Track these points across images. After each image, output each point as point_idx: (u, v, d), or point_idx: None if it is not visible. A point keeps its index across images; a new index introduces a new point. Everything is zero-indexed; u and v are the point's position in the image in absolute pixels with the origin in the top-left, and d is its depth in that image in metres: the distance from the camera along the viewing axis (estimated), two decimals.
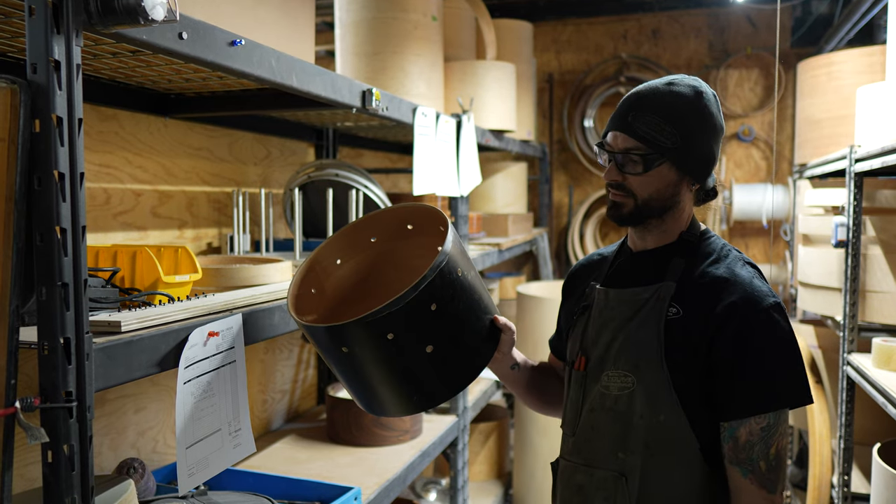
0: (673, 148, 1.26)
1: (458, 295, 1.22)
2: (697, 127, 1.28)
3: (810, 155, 3.29)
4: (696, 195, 1.35)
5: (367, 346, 1.18)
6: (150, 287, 1.35)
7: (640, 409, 1.26)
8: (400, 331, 1.16)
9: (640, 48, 4.81)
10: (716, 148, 1.32)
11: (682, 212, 1.33)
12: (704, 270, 1.29)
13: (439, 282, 1.18)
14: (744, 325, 1.22)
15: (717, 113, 1.32)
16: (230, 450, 1.29)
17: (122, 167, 1.81)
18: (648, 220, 1.32)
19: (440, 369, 1.24)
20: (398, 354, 1.19)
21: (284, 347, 2.57)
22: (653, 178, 1.28)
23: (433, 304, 1.18)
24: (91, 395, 0.97)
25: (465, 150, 2.63)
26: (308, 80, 1.55)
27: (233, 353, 1.29)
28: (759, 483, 1.21)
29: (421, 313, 1.17)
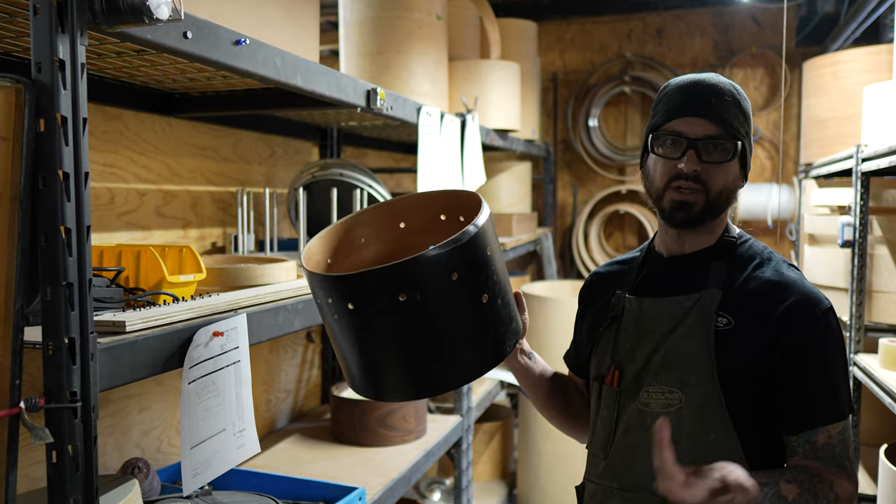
0: (745, 138, 1.22)
1: (489, 273, 1.08)
2: (747, 117, 1.24)
3: (816, 154, 3.28)
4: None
5: (387, 304, 1.01)
6: (155, 287, 1.35)
7: (689, 427, 1.17)
8: (426, 288, 1.00)
9: (644, 47, 4.79)
10: (752, 140, 1.28)
11: (733, 206, 1.27)
12: (750, 275, 1.21)
13: (470, 249, 1.03)
14: (807, 331, 1.16)
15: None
16: (234, 450, 1.28)
17: (126, 167, 1.81)
18: (712, 219, 1.23)
19: (459, 346, 1.07)
20: (417, 318, 1.02)
21: (289, 347, 2.57)
22: (730, 168, 1.21)
23: (455, 273, 1.02)
24: (95, 395, 0.97)
25: (470, 149, 2.62)
26: (313, 79, 1.54)
27: (237, 353, 1.29)
28: (847, 478, 1.16)
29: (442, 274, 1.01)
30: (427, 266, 1.00)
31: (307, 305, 1.52)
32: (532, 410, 3.34)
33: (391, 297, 1.00)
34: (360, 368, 1.09)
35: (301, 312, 1.50)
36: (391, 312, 1.02)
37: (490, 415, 3.65)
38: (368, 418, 2.30)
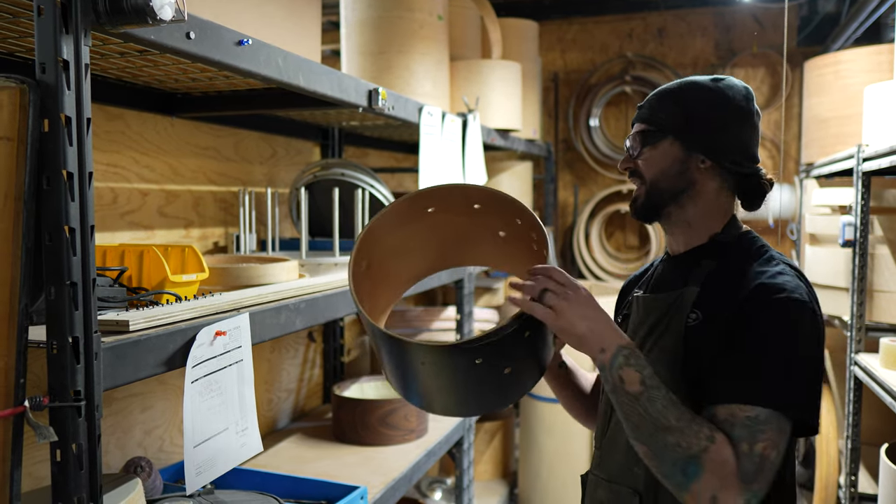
0: (675, 123, 1.22)
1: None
2: (707, 105, 1.22)
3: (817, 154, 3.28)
4: (732, 182, 1.24)
5: (448, 367, 1.11)
6: (158, 286, 1.35)
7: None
8: (488, 356, 1.09)
9: (645, 47, 4.80)
10: (736, 130, 1.22)
11: (704, 202, 1.24)
12: (735, 271, 1.18)
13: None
14: (756, 310, 1.11)
15: (739, 98, 1.23)
16: (237, 449, 1.29)
17: (129, 167, 1.82)
18: (663, 207, 1.25)
19: (511, 385, 1.17)
20: (477, 375, 1.12)
21: (290, 346, 2.58)
22: (657, 155, 1.24)
23: (527, 332, 1.11)
24: (99, 394, 0.97)
25: (471, 149, 2.63)
26: (315, 79, 1.55)
27: (240, 353, 1.29)
28: (737, 459, 1.04)
29: (515, 341, 1.11)
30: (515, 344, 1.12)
31: (309, 305, 1.53)
32: (534, 410, 3.35)
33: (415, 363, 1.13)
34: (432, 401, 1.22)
35: (303, 312, 1.50)
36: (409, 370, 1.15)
37: (491, 414, 3.66)
38: (370, 417, 2.30)
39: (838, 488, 2.67)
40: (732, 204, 1.27)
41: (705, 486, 1.04)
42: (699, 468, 1.04)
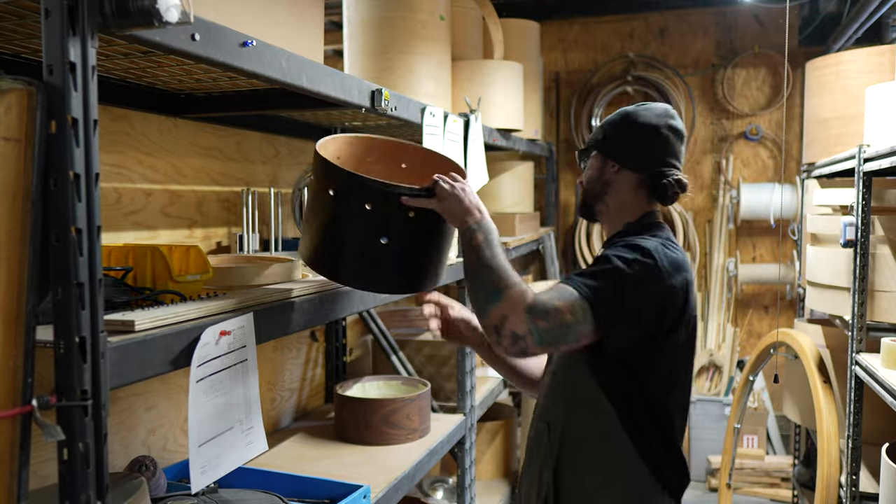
0: (597, 140, 1.61)
1: (438, 229, 1.46)
2: (622, 125, 1.58)
3: (818, 154, 3.28)
4: (643, 181, 1.55)
5: (353, 203, 1.37)
6: (162, 286, 1.36)
7: (560, 364, 1.55)
8: (375, 207, 1.36)
9: (647, 47, 4.80)
10: (635, 136, 1.55)
11: (619, 198, 1.57)
12: (614, 243, 1.51)
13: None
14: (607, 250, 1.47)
15: (651, 116, 1.55)
16: (242, 448, 1.30)
17: (133, 167, 1.82)
18: (594, 206, 1.62)
19: (387, 261, 1.42)
20: (359, 225, 1.39)
21: (293, 346, 2.59)
22: (589, 168, 1.63)
23: (412, 212, 1.39)
24: (106, 393, 0.98)
25: (473, 149, 2.63)
26: (318, 80, 1.55)
27: (244, 352, 1.30)
28: (531, 296, 1.37)
29: (399, 212, 1.38)
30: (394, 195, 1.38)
31: (313, 305, 1.53)
32: None
33: (361, 202, 1.37)
34: (314, 241, 1.46)
35: (307, 312, 1.51)
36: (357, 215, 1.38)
37: (493, 414, 3.66)
38: (373, 417, 2.31)
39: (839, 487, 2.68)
40: (648, 200, 1.57)
41: (499, 309, 1.37)
42: (499, 297, 1.37)
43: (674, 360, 1.49)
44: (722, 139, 4.73)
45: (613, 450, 1.46)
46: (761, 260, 4.70)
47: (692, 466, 4.37)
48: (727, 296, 4.65)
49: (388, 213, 1.38)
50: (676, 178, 1.54)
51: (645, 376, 1.46)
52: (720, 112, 4.73)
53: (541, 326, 1.34)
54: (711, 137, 4.76)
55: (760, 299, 4.73)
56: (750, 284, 4.61)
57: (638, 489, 1.47)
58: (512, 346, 1.37)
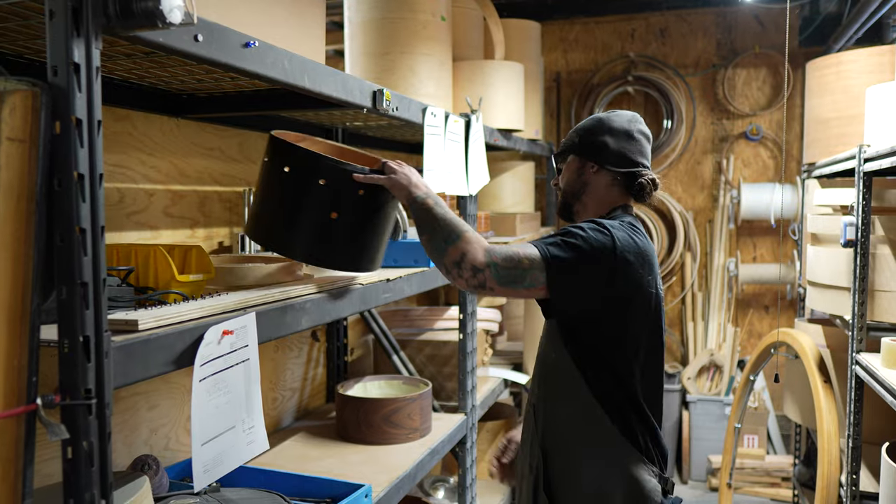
0: (573, 145, 1.75)
1: (382, 209, 1.60)
2: (594, 129, 1.73)
3: (819, 154, 3.29)
4: (619, 179, 1.70)
5: (304, 180, 1.50)
6: (165, 286, 1.37)
7: (544, 348, 1.69)
8: (330, 182, 1.50)
9: (647, 47, 4.81)
10: (610, 138, 1.70)
11: (595, 196, 1.72)
12: None
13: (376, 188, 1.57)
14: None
15: (620, 121, 1.72)
16: (244, 447, 1.30)
17: (135, 167, 1.83)
18: (572, 206, 1.76)
19: (335, 235, 1.54)
20: (313, 200, 1.51)
21: (294, 346, 2.59)
22: (566, 171, 1.77)
23: (362, 190, 1.54)
24: (110, 392, 0.99)
25: (474, 149, 2.64)
26: (320, 80, 1.56)
27: (246, 352, 1.31)
28: (486, 247, 1.51)
29: (350, 188, 1.52)
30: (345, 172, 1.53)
31: (314, 305, 1.54)
32: None
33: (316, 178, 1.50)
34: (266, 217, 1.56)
35: (308, 311, 1.52)
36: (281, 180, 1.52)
37: (493, 413, 3.67)
38: (374, 416, 2.31)
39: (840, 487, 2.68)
40: (622, 197, 1.72)
41: (459, 247, 1.49)
42: (459, 237, 1.50)
43: (634, 334, 1.60)
44: (723, 139, 4.74)
45: (591, 424, 1.58)
46: (762, 260, 4.70)
47: (692, 466, 4.38)
48: (728, 296, 4.66)
49: (340, 190, 1.51)
50: (650, 177, 1.70)
51: (609, 350, 1.59)
52: (721, 112, 4.74)
53: (498, 263, 1.48)
54: (712, 137, 4.77)
55: (761, 299, 4.74)
56: (750, 284, 4.62)
57: (619, 461, 1.57)
58: (472, 279, 1.49)
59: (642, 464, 1.58)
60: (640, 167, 1.71)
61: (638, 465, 1.58)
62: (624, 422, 1.58)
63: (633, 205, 1.75)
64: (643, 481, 1.56)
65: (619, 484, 1.56)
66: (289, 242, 1.54)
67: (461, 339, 2.65)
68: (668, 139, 4.70)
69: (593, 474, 1.58)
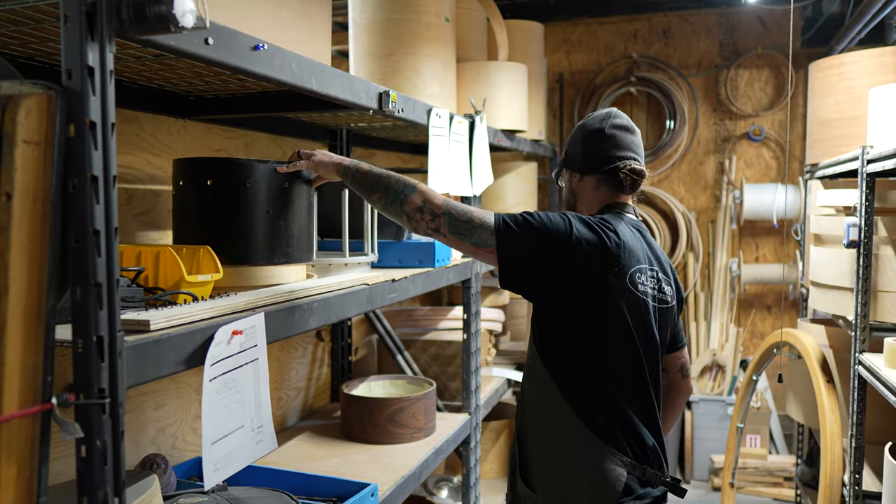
0: (563, 159, 1.87)
1: (306, 196, 1.70)
2: (572, 140, 1.84)
3: (822, 155, 3.29)
4: (602, 180, 1.76)
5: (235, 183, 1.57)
6: (174, 286, 1.38)
7: (529, 341, 1.76)
8: (255, 183, 1.58)
9: (650, 48, 4.81)
10: (586, 145, 1.78)
11: (585, 201, 1.80)
12: None
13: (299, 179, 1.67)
14: None
15: (594, 123, 1.78)
16: (253, 446, 1.31)
17: (142, 168, 1.84)
18: (573, 208, 1.85)
19: (272, 232, 1.60)
20: (246, 200, 1.58)
21: (299, 346, 2.61)
22: (564, 183, 1.88)
23: (286, 182, 1.62)
24: (123, 391, 1.00)
25: (478, 150, 2.65)
26: (327, 82, 1.57)
27: (255, 351, 1.32)
28: (450, 203, 1.58)
29: (273, 181, 1.60)
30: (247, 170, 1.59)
31: (322, 305, 1.55)
32: None
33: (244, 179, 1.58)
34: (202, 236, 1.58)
35: (316, 311, 1.53)
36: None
37: (496, 413, 3.68)
38: (378, 416, 2.33)
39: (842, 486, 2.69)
40: (610, 195, 1.77)
41: (419, 195, 1.56)
42: (415, 187, 1.57)
43: (596, 325, 1.62)
44: (725, 140, 4.75)
45: (558, 415, 1.64)
46: (764, 260, 4.71)
47: (695, 466, 4.39)
48: (730, 296, 4.67)
49: (267, 186, 1.59)
50: (630, 167, 1.73)
51: (570, 339, 1.64)
52: (723, 113, 4.75)
53: (453, 213, 1.56)
54: (714, 138, 4.77)
55: (763, 299, 4.75)
56: (753, 284, 4.63)
57: (586, 450, 1.60)
58: (430, 223, 1.56)
59: (610, 455, 1.59)
60: (616, 161, 1.74)
61: (605, 455, 1.59)
62: (589, 413, 1.61)
63: (628, 201, 1.78)
64: (607, 471, 1.58)
65: (583, 472, 1.60)
66: (234, 250, 1.57)
67: (465, 339, 2.66)
68: (670, 139, 4.71)
69: (560, 461, 1.64)
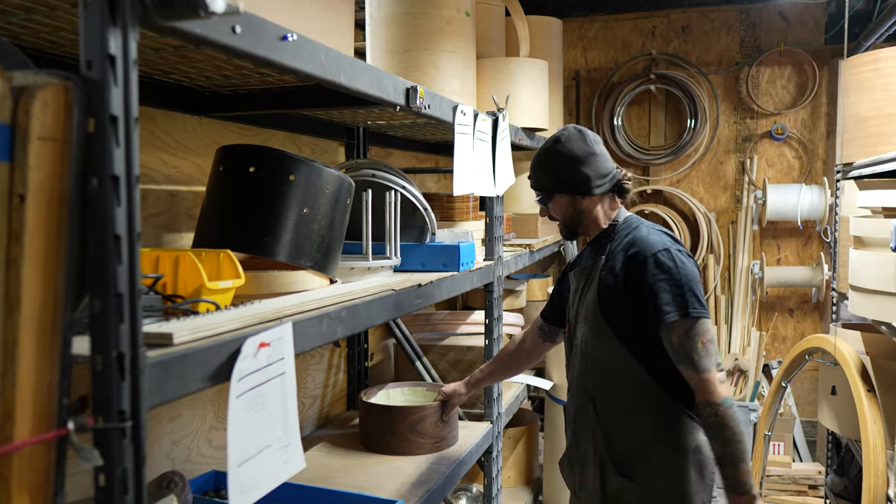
0: (553, 185, 1.92)
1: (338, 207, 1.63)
2: (561, 165, 1.90)
3: (856, 154, 3.18)
4: (606, 193, 1.91)
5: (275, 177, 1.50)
6: (194, 294, 1.29)
7: (591, 346, 1.84)
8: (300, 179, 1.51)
9: (669, 45, 4.71)
10: (585, 168, 1.88)
11: (592, 217, 1.92)
12: (620, 241, 1.86)
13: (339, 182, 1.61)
14: (637, 268, 1.76)
15: (575, 147, 1.88)
16: (280, 465, 1.22)
17: (157, 167, 1.75)
18: (577, 231, 1.96)
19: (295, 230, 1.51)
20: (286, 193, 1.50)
21: (315, 352, 2.51)
22: (556, 206, 1.95)
23: (329, 188, 1.57)
24: (145, 413, 0.91)
25: (501, 148, 2.55)
26: (356, 76, 1.48)
27: (283, 365, 1.23)
28: (694, 368, 1.69)
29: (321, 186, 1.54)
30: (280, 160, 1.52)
31: (350, 312, 1.46)
32: (558, 414, 3.27)
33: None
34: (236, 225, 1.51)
35: (344, 320, 1.44)
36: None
37: (515, 420, 3.58)
38: (399, 425, 2.23)
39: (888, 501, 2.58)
40: (613, 203, 1.94)
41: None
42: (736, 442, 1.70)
43: None
44: (746, 139, 4.64)
45: (653, 403, 1.78)
46: (786, 262, 4.60)
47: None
48: (751, 298, 4.56)
49: (308, 186, 1.52)
50: (626, 175, 1.94)
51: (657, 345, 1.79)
52: (744, 111, 4.64)
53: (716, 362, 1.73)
54: (735, 137, 4.67)
55: (785, 302, 4.64)
56: (775, 287, 4.52)
57: (688, 436, 1.76)
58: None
59: (699, 430, 1.76)
60: (614, 172, 1.92)
61: (697, 430, 1.77)
62: (685, 402, 1.78)
63: (624, 203, 1.98)
64: (703, 445, 1.76)
65: (685, 452, 1.76)
66: (271, 243, 1.49)
67: (487, 345, 2.56)
68: (691, 139, 4.60)
69: (667, 448, 1.77)
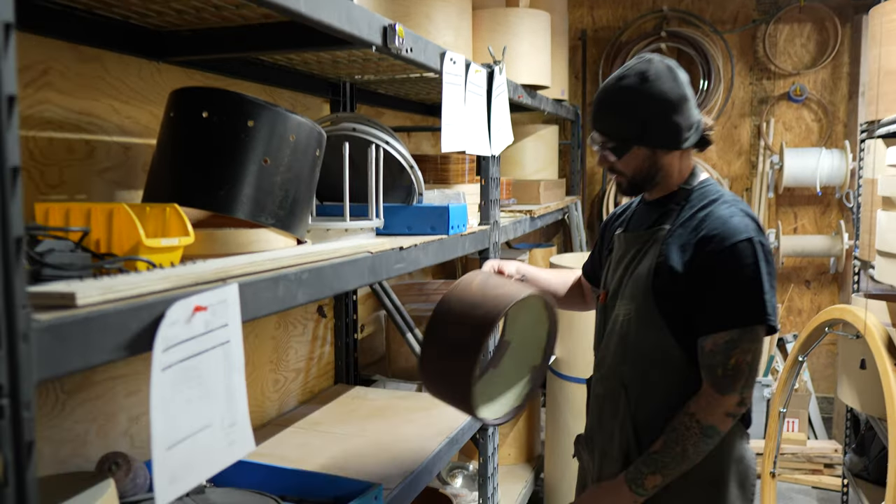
0: (634, 134, 1.53)
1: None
2: (650, 111, 1.51)
3: (884, 111, 2.95)
4: (686, 150, 1.58)
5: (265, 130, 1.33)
6: (130, 252, 1.12)
7: (635, 328, 1.56)
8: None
9: (681, 2, 4.46)
10: (678, 116, 1.52)
11: (672, 171, 1.58)
12: (693, 213, 1.53)
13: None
14: (711, 257, 1.45)
15: (668, 88, 1.51)
16: (223, 448, 1.06)
17: (107, 116, 1.58)
18: (644, 188, 1.62)
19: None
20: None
21: (298, 323, 2.35)
22: (630, 159, 1.57)
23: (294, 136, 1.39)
24: (29, 387, 0.74)
25: (497, 104, 2.36)
26: (317, 6, 1.29)
27: (226, 332, 1.06)
28: (711, 384, 1.46)
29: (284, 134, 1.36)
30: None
31: (313, 275, 1.29)
32: (560, 390, 3.11)
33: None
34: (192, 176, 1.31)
35: (306, 283, 1.26)
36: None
37: None
38: None
39: None
40: (691, 159, 1.62)
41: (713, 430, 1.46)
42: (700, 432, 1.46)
43: None
44: (762, 101, 4.40)
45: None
46: (803, 231, 4.38)
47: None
48: None
49: (271, 134, 1.35)
50: (707, 125, 1.60)
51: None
52: (760, 71, 4.39)
53: (740, 388, 1.47)
54: (751, 99, 4.43)
55: (802, 273, 4.43)
56: (791, 257, 4.31)
57: (728, 444, 1.54)
58: (739, 409, 1.48)
59: (746, 438, 1.58)
60: (699, 121, 1.58)
61: (741, 438, 1.57)
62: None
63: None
64: (746, 455, 1.57)
65: (727, 462, 1.55)
66: (227, 197, 1.30)
67: None
68: (704, 101, 4.36)
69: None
